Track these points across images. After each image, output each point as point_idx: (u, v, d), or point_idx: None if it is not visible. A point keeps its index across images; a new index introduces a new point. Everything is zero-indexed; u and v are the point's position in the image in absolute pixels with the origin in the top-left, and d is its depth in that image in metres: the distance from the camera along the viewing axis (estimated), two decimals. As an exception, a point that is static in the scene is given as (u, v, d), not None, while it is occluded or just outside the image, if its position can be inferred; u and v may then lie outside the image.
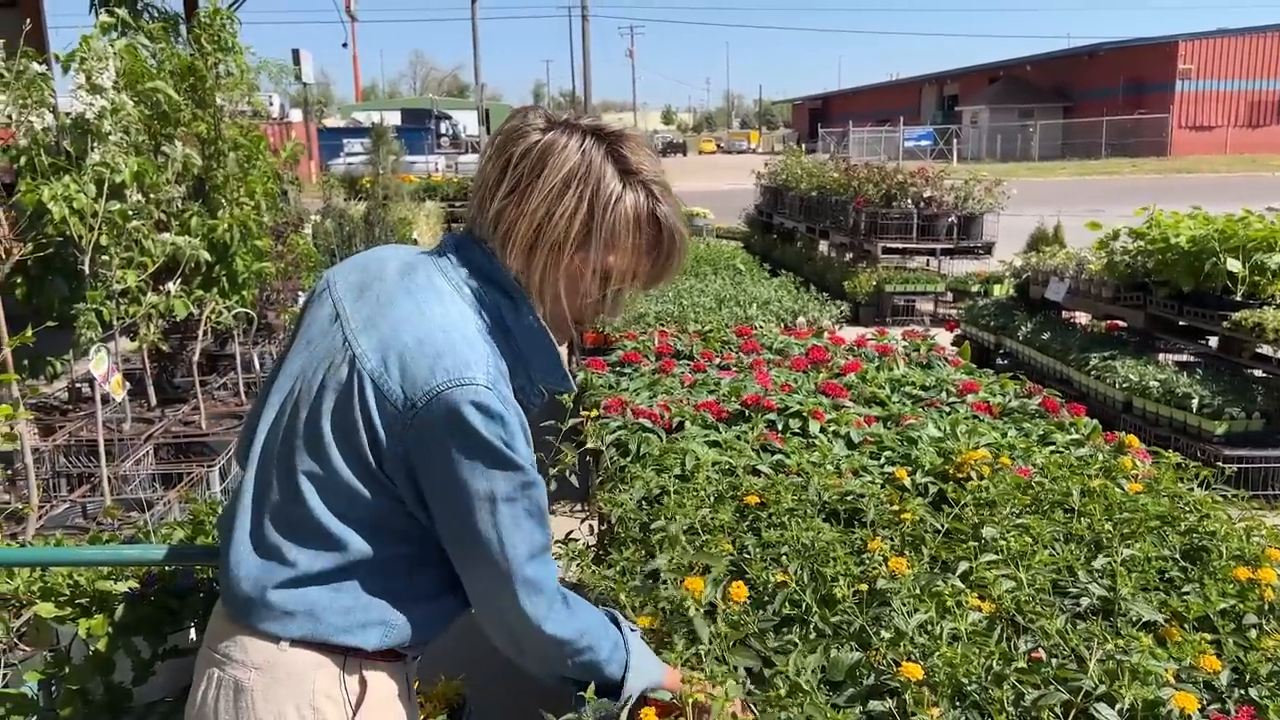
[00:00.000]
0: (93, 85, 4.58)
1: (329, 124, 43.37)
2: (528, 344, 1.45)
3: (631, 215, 1.40)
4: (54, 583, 2.14)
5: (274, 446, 1.43)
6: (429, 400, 1.31)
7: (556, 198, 1.37)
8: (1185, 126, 44.29)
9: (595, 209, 1.38)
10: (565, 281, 1.42)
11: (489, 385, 1.34)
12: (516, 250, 1.39)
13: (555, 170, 1.37)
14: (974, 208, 10.57)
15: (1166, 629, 1.77)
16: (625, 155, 1.41)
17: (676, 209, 1.45)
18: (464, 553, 1.40)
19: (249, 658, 1.42)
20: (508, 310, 1.43)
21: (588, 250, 1.40)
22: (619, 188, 1.39)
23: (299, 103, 28.94)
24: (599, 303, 1.47)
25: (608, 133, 1.42)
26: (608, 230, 1.39)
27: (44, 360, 4.89)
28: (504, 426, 1.34)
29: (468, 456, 1.33)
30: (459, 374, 1.32)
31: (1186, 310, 5.89)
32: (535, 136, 1.39)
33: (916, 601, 1.78)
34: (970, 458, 2.47)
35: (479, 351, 1.36)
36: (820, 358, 3.78)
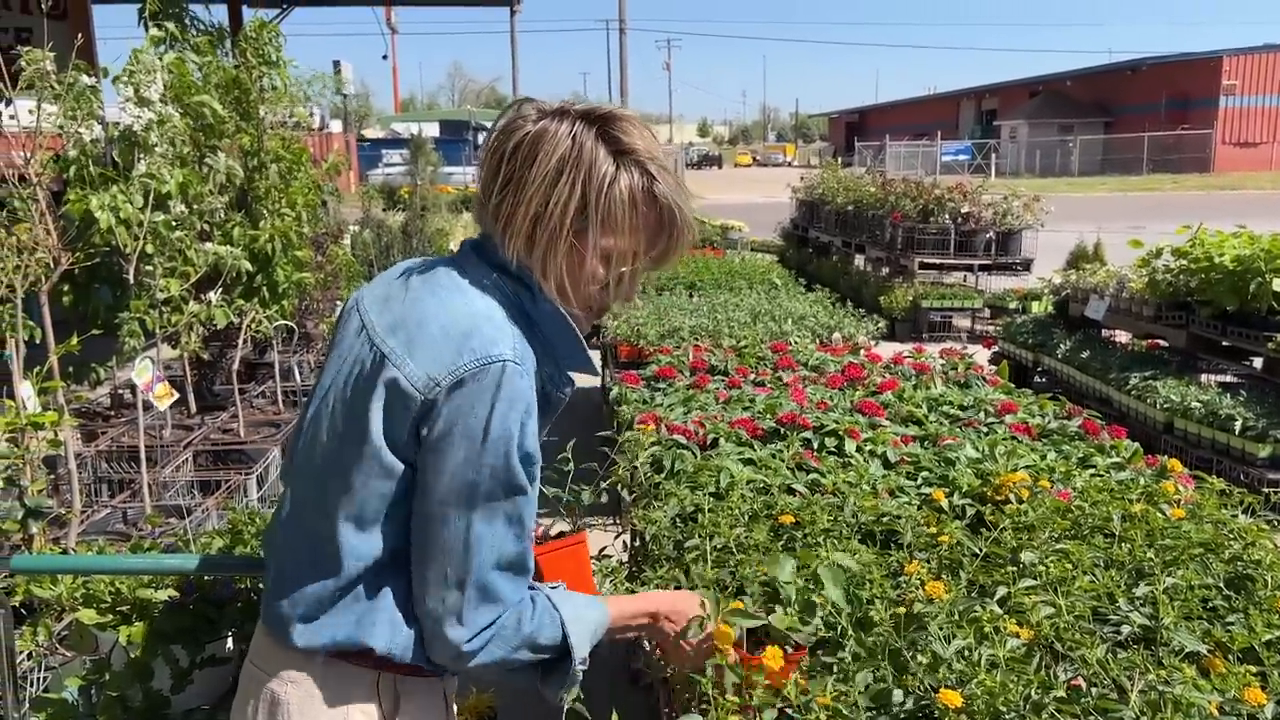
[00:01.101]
0: (141, 98, 4.68)
1: (368, 135, 43.88)
2: (550, 330, 1.45)
3: (627, 195, 1.39)
4: (96, 590, 2.17)
5: (308, 460, 1.45)
6: (455, 379, 1.32)
7: (551, 185, 1.36)
8: (1229, 143, 43.64)
9: (590, 192, 1.37)
10: (569, 267, 1.41)
11: (518, 361, 1.35)
12: (518, 241, 1.39)
13: (547, 158, 1.37)
14: (1012, 223, 10.47)
15: (1210, 660, 1.74)
16: (617, 135, 1.40)
17: (675, 185, 1.43)
18: (425, 528, 1.37)
19: (284, 671, 1.44)
20: (526, 299, 1.44)
21: (586, 234, 1.39)
22: (612, 169, 1.38)
23: (338, 114, 29.29)
24: (607, 286, 1.45)
25: (599, 115, 1.41)
26: (604, 212, 1.38)
27: (88, 367, 4.98)
28: (525, 407, 1.35)
29: (478, 436, 1.32)
30: (485, 351, 1.34)
31: (1230, 330, 5.79)
32: (528, 128, 1.39)
33: (954, 626, 1.76)
34: (1009, 480, 2.44)
35: (505, 332, 1.37)
36: (856, 375, 3.76)
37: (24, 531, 2.89)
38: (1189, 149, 42.74)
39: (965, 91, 64.08)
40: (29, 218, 3.64)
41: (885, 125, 62.32)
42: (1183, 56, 46.71)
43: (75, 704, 2.10)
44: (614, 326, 5.34)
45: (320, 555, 1.39)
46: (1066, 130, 47.84)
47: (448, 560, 1.35)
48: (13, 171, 3.73)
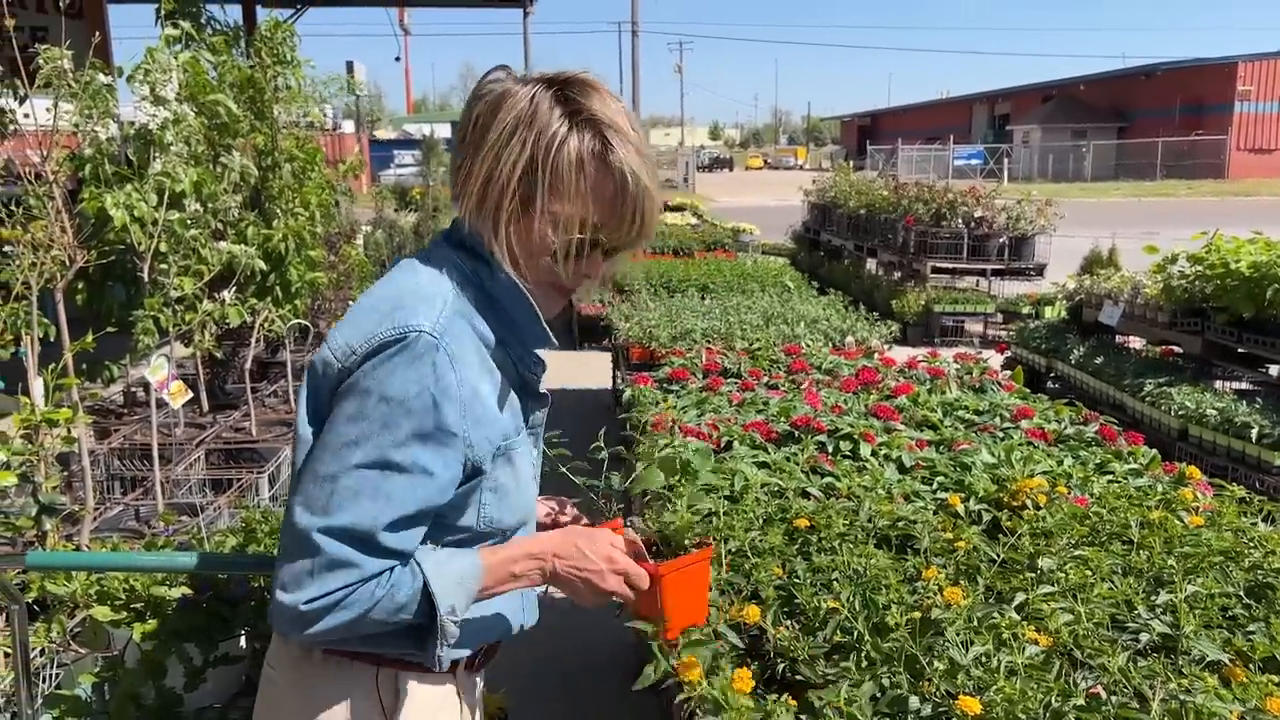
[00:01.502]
0: (157, 97, 4.69)
1: (380, 136, 43.99)
2: (510, 305, 1.38)
3: (574, 158, 1.31)
4: (110, 587, 2.17)
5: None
6: (370, 348, 1.27)
7: (504, 146, 1.32)
8: (1244, 149, 43.42)
9: (538, 153, 1.30)
10: (518, 233, 1.35)
11: (433, 333, 1.28)
12: (473, 205, 1.35)
13: (504, 119, 1.32)
14: (1025, 228, 10.43)
15: (1230, 669, 1.72)
16: (574, 98, 1.33)
17: (635, 155, 1.34)
18: (300, 476, 1.30)
19: (286, 669, 1.43)
20: (485, 275, 1.38)
21: (535, 198, 1.32)
22: (563, 130, 1.31)
23: (351, 114, 29.37)
24: (569, 261, 1.35)
25: (562, 78, 1.36)
26: (551, 174, 1.31)
27: (102, 364, 4.99)
28: (435, 377, 1.27)
29: (369, 395, 1.26)
30: (404, 321, 1.28)
31: (1246, 337, 5.75)
32: (490, 96, 1.36)
33: (971, 632, 1.74)
34: (1026, 485, 2.42)
35: (434, 306, 1.31)
36: (871, 379, 3.74)
37: (37, 528, 2.90)
38: (1203, 155, 42.53)
39: (978, 95, 63.91)
40: (45, 215, 3.65)
41: (897, 129, 62.20)
42: (1197, 61, 46.49)
43: (88, 701, 2.10)
44: (626, 328, 5.33)
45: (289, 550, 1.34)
46: (1080, 135, 47.67)
47: (305, 507, 1.27)
48: (29, 169, 3.73)
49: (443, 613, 1.31)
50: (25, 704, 1.93)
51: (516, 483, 1.42)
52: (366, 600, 1.27)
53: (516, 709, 2.74)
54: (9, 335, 3.43)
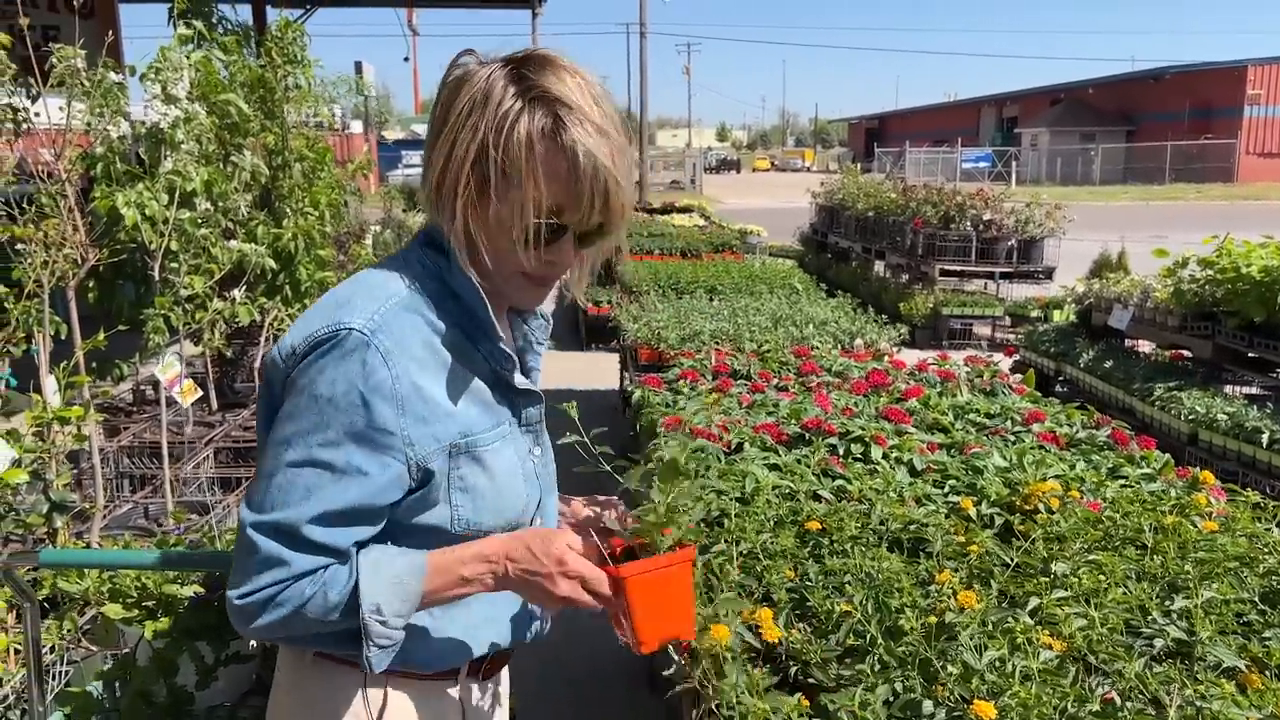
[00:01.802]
0: (168, 96, 4.70)
1: (388, 136, 44.07)
2: (470, 299, 1.33)
3: (524, 137, 1.24)
4: (122, 585, 2.17)
5: None
6: (307, 346, 1.25)
7: (459, 130, 1.26)
8: (1253, 153, 43.30)
9: (489, 134, 1.25)
10: (480, 222, 1.29)
11: (364, 330, 1.24)
12: (434, 193, 1.30)
13: (461, 103, 1.27)
14: (1034, 231, 10.41)
15: (1246, 675, 1.71)
16: (529, 75, 1.26)
17: (594, 130, 1.26)
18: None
19: (285, 669, 1.44)
20: (444, 267, 1.34)
21: (489, 182, 1.27)
22: (515, 108, 1.25)
23: (359, 114, 29.41)
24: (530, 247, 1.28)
25: (521, 56, 1.29)
26: (502, 155, 1.24)
27: (112, 363, 5.00)
28: (364, 375, 1.23)
29: (300, 393, 1.24)
30: (338, 319, 1.25)
31: (1257, 342, 5.74)
32: (454, 80, 1.31)
33: (985, 637, 1.74)
34: (1038, 489, 2.41)
35: (375, 302, 1.27)
36: (881, 381, 3.73)
37: (48, 525, 2.91)
38: (1212, 158, 42.43)
39: (986, 98, 63.84)
40: (57, 214, 3.66)
41: (905, 131, 62.14)
42: (1207, 65, 46.38)
43: (99, 698, 2.10)
44: (634, 329, 5.33)
45: None
46: (1088, 138, 47.59)
47: (246, 512, 1.27)
48: (43, 168, 3.75)
49: (365, 611, 1.25)
50: (37, 701, 1.93)
51: (492, 482, 1.36)
52: (297, 598, 1.24)
53: (524, 712, 2.74)
54: (21, 333, 3.44)
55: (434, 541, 1.34)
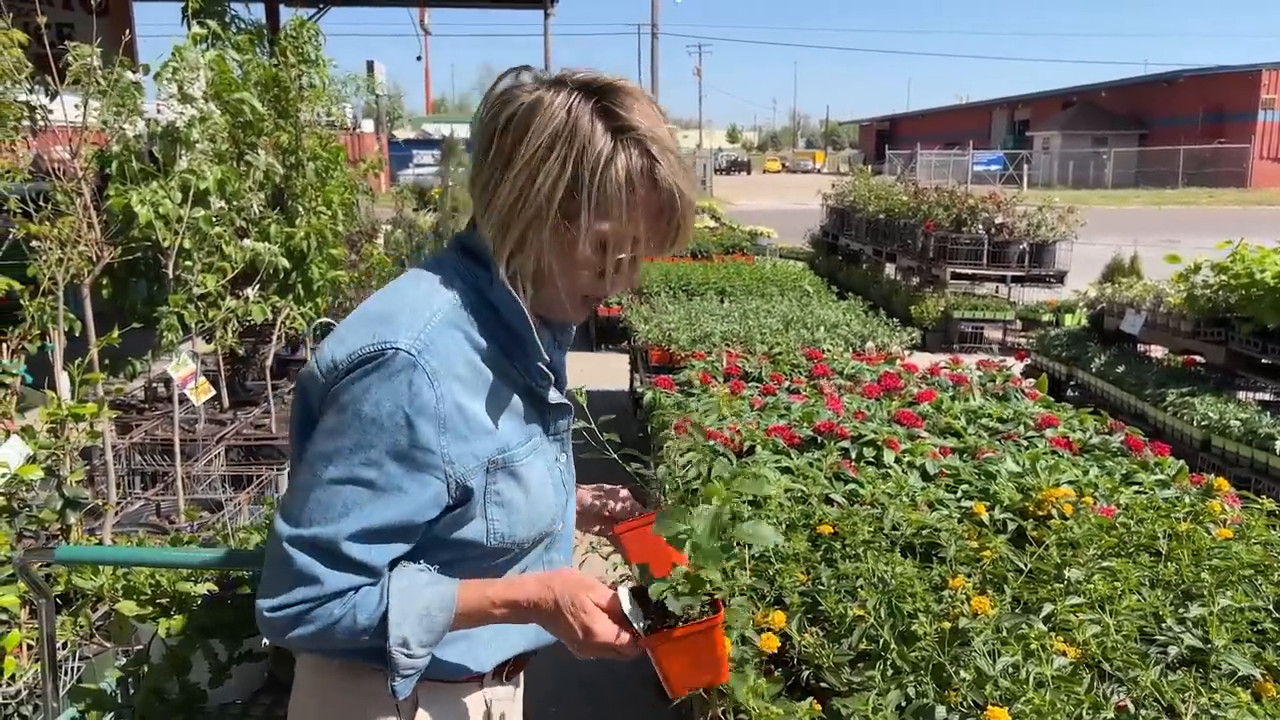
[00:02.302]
0: (184, 94, 4.72)
1: (399, 135, 44.15)
2: (509, 314, 1.33)
3: (623, 177, 1.25)
4: (136, 582, 2.18)
5: None
6: (351, 363, 1.25)
7: (540, 162, 1.24)
8: (1267, 158, 43.09)
9: (582, 172, 1.24)
10: (558, 252, 1.30)
11: (411, 350, 1.24)
12: (499, 219, 1.29)
13: (539, 132, 1.25)
14: (1046, 235, 10.37)
15: (1261, 684, 1.71)
16: (616, 110, 1.26)
17: (677, 165, 1.29)
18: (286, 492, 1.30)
19: (309, 671, 1.43)
20: (484, 282, 1.34)
21: (578, 217, 1.26)
22: (609, 147, 1.25)
23: (371, 113, 29.46)
24: (604, 274, 1.33)
25: (599, 85, 1.28)
26: (599, 194, 1.25)
27: (125, 360, 5.03)
28: (410, 395, 1.23)
29: (345, 411, 1.24)
30: (384, 338, 1.24)
31: (1270, 348, 5.71)
32: (523, 98, 1.28)
33: (998, 642, 1.73)
34: (1051, 495, 2.40)
35: (419, 320, 1.27)
36: (893, 385, 3.72)
37: (61, 521, 2.92)
38: (1225, 163, 42.24)
39: (998, 101, 63.68)
40: (72, 211, 3.68)
41: (916, 134, 62.03)
42: (1220, 69, 46.18)
43: (113, 694, 2.11)
44: (645, 330, 5.33)
45: None
46: (1100, 142, 47.43)
47: (282, 518, 1.27)
48: (59, 166, 3.76)
49: (392, 644, 1.26)
50: (50, 696, 1.94)
51: (526, 495, 1.37)
52: (326, 618, 1.25)
53: (537, 713, 2.74)
54: (36, 330, 3.46)
55: (469, 554, 1.35)
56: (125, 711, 2.09)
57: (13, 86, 3.69)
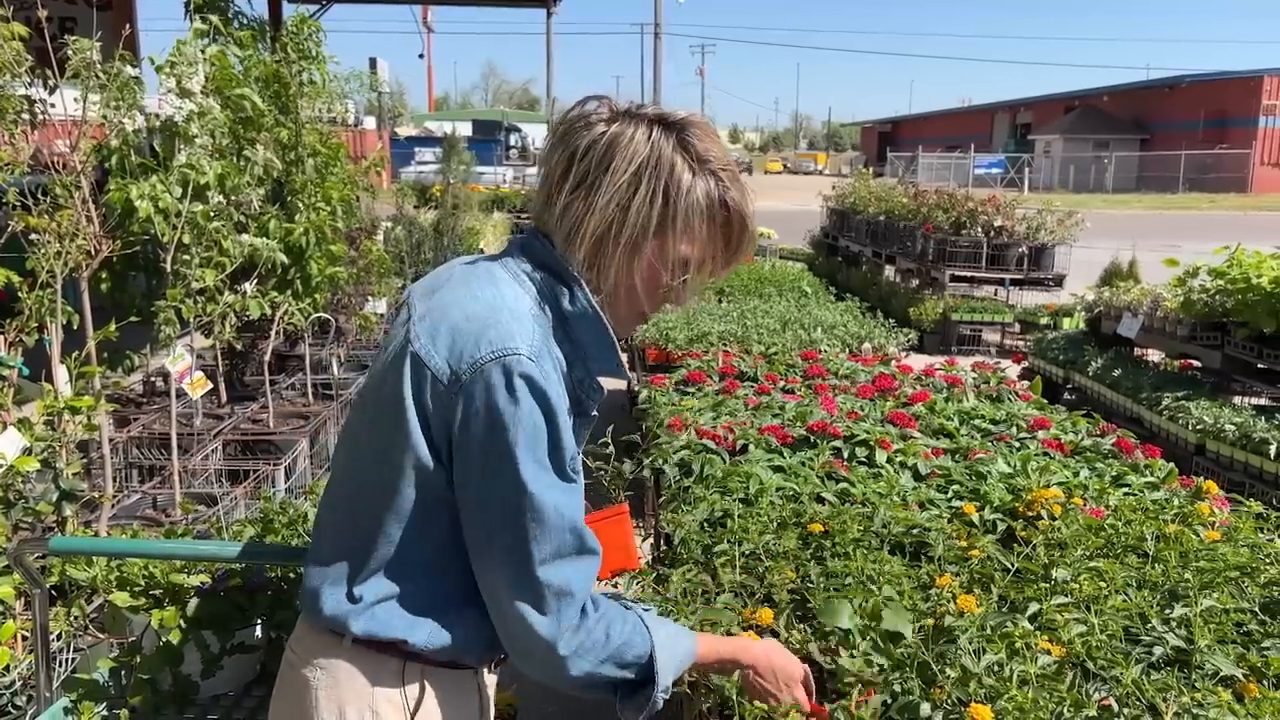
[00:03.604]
0: (183, 89, 4.72)
1: (401, 132, 44.12)
2: (584, 330, 1.42)
3: (704, 204, 1.39)
4: (130, 573, 2.19)
5: (354, 450, 1.47)
6: (473, 371, 1.31)
7: (627, 191, 1.35)
8: (1268, 163, 43.08)
9: (669, 200, 1.36)
10: (640, 274, 1.41)
11: (532, 358, 1.32)
12: (586, 243, 1.38)
13: (624, 163, 1.35)
14: (1046, 239, 10.38)
15: (1244, 684, 1.72)
16: (694, 143, 1.39)
17: (745, 193, 1.44)
18: (480, 538, 1.36)
19: (314, 656, 1.45)
20: (564, 296, 1.42)
21: (662, 241, 1.39)
22: (690, 177, 1.38)
23: (373, 110, 29.45)
24: (671, 291, 1.44)
25: (673, 121, 1.40)
26: (682, 220, 1.38)
27: (122, 354, 5.04)
28: (547, 403, 1.32)
29: (506, 430, 1.30)
30: (502, 344, 1.31)
31: (1266, 353, 5.72)
32: (600, 128, 1.38)
33: (984, 641, 1.75)
34: (1041, 496, 2.42)
35: (525, 326, 1.35)
36: (887, 386, 3.74)
37: (58, 514, 2.93)
38: (1226, 168, 42.23)
39: (1000, 104, 63.67)
40: (71, 205, 3.69)
41: (918, 136, 62.04)
42: (1222, 75, 46.18)
43: (106, 685, 2.12)
44: (642, 329, 5.34)
45: (363, 548, 1.39)
46: (1102, 146, 47.41)
47: (507, 559, 1.33)
48: (59, 159, 3.78)
49: (659, 689, 1.43)
50: (44, 687, 1.96)
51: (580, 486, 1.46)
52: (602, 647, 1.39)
53: (526, 710, 2.75)
54: (34, 322, 3.47)
55: None
56: (117, 702, 2.10)
57: (12, 80, 3.70)
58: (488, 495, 1.33)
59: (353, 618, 1.40)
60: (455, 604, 1.42)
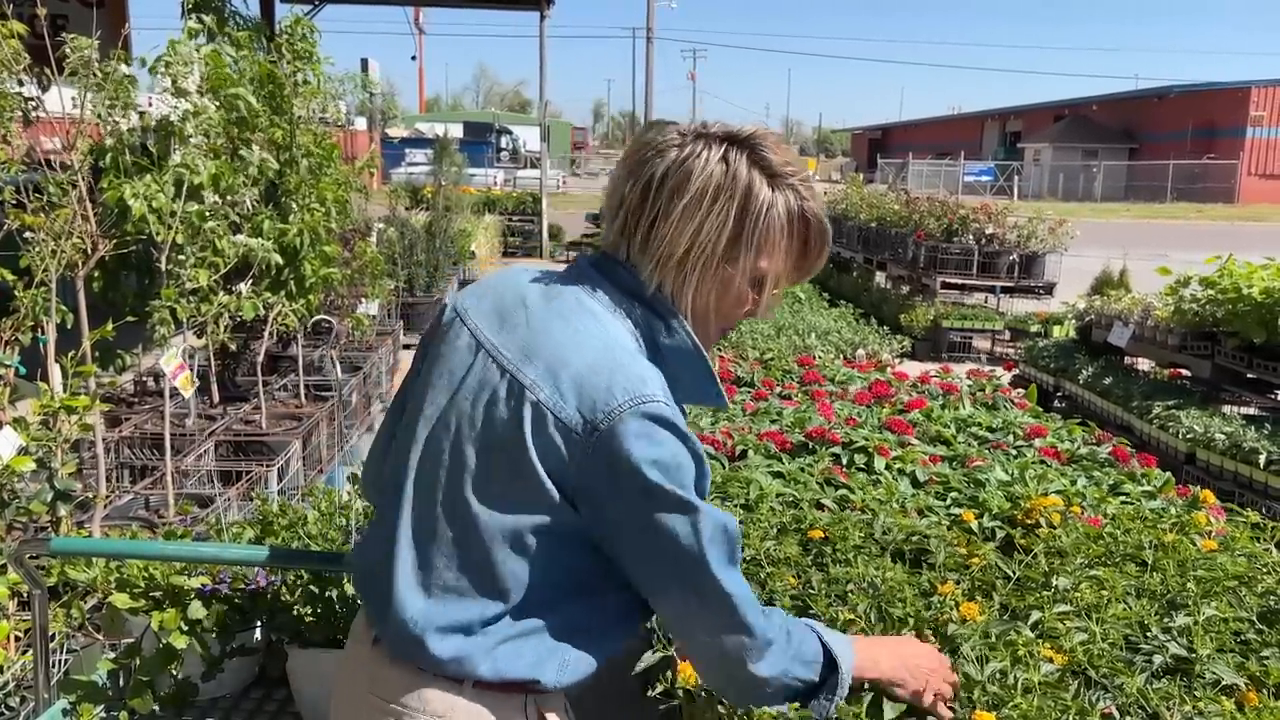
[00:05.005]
0: (178, 88, 4.71)
1: (392, 133, 44.01)
2: (678, 362, 1.40)
3: (784, 219, 1.38)
4: (130, 574, 2.18)
5: (432, 481, 1.38)
6: (611, 420, 1.28)
7: (706, 212, 1.34)
8: (1255, 174, 43.40)
9: (747, 218, 1.35)
10: (717, 292, 1.40)
11: (667, 402, 1.31)
12: (669, 269, 1.37)
13: (702, 184, 1.34)
14: (1037, 247, 10.44)
15: (1244, 693, 1.73)
16: (768, 158, 1.38)
17: (820, 200, 1.44)
18: (655, 575, 1.37)
19: (429, 705, 1.37)
20: (660, 331, 1.40)
21: (742, 259, 1.37)
22: (769, 193, 1.37)
23: (364, 111, 29.34)
24: (751, 308, 1.44)
25: (744, 138, 1.39)
26: (761, 236, 1.37)
27: (114, 353, 5.01)
28: (689, 444, 1.32)
29: (659, 478, 1.29)
30: (636, 390, 1.29)
31: (1256, 363, 5.76)
32: (673, 154, 1.37)
33: (986, 648, 1.75)
34: (1040, 504, 2.43)
35: (650, 369, 1.34)
36: (884, 392, 3.75)
37: (52, 514, 2.92)
38: (1214, 178, 42.52)
39: (990, 112, 63.98)
40: (65, 203, 3.67)
41: (909, 143, 62.27)
42: (1211, 86, 46.51)
43: (104, 687, 2.11)
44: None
45: (479, 587, 1.35)
46: (1091, 155, 47.67)
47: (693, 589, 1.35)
48: (55, 158, 3.76)
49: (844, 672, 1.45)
50: (42, 688, 1.94)
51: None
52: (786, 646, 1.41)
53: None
54: (29, 321, 3.45)
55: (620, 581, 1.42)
56: (116, 704, 2.09)
57: (9, 78, 3.68)
58: (656, 535, 1.31)
59: (477, 660, 1.35)
60: (577, 638, 1.40)
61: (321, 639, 2.15)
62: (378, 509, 1.53)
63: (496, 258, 16.55)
